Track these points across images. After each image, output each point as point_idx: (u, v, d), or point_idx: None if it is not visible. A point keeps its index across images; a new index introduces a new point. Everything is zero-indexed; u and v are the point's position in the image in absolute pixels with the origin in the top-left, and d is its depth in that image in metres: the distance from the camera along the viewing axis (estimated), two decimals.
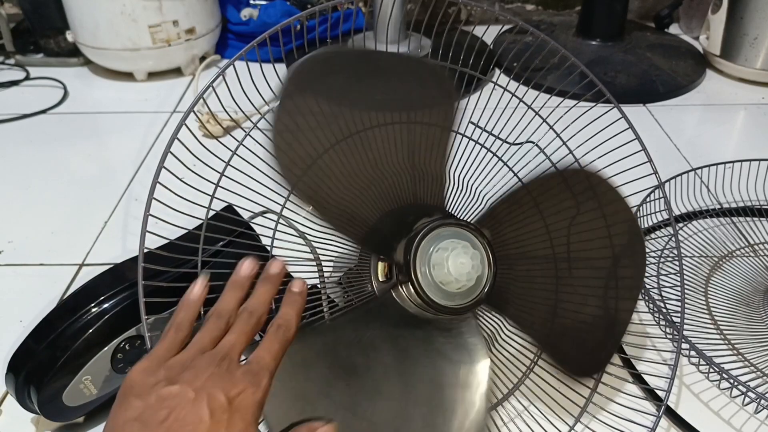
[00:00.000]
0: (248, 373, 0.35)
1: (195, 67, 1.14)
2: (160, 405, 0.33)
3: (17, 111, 1.02)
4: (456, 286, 0.44)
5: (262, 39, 0.46)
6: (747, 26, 1.08)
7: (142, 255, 0.43)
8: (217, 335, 0.37)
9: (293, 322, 0.38)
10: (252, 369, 0.35)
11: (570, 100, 0.56)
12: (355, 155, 0.46)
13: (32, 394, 0.48)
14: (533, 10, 1.42)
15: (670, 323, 0.56)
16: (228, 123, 0.86)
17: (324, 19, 0.96)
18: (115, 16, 1.03)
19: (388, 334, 0.44)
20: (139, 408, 0.33)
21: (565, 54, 0.55)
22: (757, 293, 0.66)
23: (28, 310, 0.64)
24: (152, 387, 0.34)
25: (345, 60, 0.46)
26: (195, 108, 0.46)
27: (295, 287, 0.40)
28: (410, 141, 0.48)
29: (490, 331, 0.53)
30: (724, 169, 0.79)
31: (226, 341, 0.36)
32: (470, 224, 0.46)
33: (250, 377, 0.35)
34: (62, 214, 0.79)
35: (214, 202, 0.47)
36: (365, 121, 0.46)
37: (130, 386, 0.34)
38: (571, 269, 0.50)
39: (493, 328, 0.53)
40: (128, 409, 0.33)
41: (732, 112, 1.05)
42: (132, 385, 0.34)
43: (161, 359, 0.35)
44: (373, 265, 0.51)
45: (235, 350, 0.36)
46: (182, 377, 0.34)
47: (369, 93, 0.47)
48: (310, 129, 0.44)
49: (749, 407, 0.55)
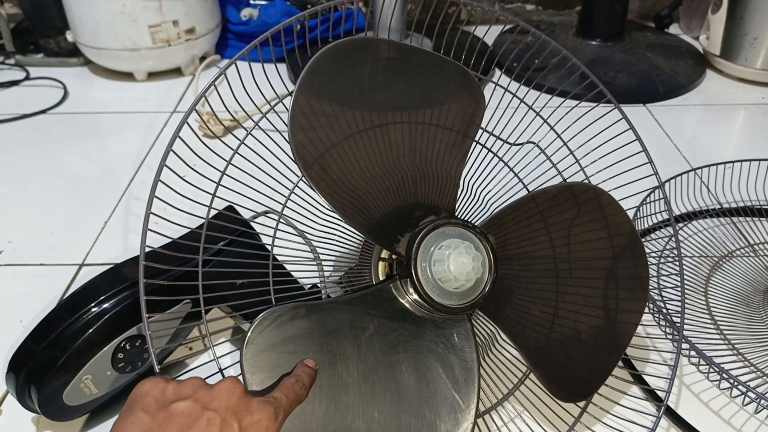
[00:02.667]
0: (266, 405, 0.34)
1: (195, 67, 1.14)
2: (168, 422, 0.32)
3: (17, 111, 1.02)
4: (454, 284, 0.44)
5: (264, 38, 0.46)
6: (747, 26, 1.08)
7: (144, 253, 0.43)
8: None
9: (307, 383, 0.38)
10: (270, 402, 0.34)
11: (571, 100, 0.56)
12: (373, 146, 0.46)
13: (32, 394, 0.48)
14: (533, 10, 1.42)
15: (670, 323, 0.56)
16: (229, 122, 0.86)
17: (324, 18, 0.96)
18: (115, 16, 1.03)
19: (381, 325, 0.44)
20: (146, 424, 0.32)
21: (567, 55, 0.55)
22: (757, 293, 0.66)
23: (28, 310, 0.64)
24: (162, 401, 0.33)
25: (376, 51, 0.46)
26: (196, 107, 0.46)
27: (309, 362, 0.40)
28: (431, 142, 0.48)
29: (488, 333, 0.53)
30: (724, 169, 0.79)
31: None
32: (477, 227, 0.46)
33: (267, 409, 0.34)
34: (62, 214, 0.79)
35: (215, 201, 0.47)
36: (389, 116, 0.46)
37: (138, 397, 0.33)
38: (572, 278, 0.50)
39: (491, 331, 0.53)
40: (134, 423, 0.32)
41: (732, 112, 1.05)
42: (140, 396, 0.33)
43: (176, 380, 0.35)
44: (373, 265, 0.51)
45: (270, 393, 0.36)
46: (197, 395, 0.33)
47: (396, 87, 0.47)
48: (333, 114, 0.44)
49: (749, 407, 0.55)
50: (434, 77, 0.48)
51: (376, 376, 0.42)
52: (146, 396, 0.33)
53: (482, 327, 0.52)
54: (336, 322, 0.43)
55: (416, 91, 0.47)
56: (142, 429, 0.31)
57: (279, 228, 0.50)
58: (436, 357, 0.44)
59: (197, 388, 0.34)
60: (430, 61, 0.48)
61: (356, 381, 0.41)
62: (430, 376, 0.43)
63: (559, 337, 0.48)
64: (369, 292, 0.45)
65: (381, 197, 0.46)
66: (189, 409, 0.32)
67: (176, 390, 0.33)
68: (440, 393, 0.43)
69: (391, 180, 0.46)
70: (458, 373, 0.44)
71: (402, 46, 0.47)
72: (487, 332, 0.53)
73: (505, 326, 0.48)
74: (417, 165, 0.47)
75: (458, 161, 0.49)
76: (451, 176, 0.49)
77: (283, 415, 0.35)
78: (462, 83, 0.49)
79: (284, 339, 0.41)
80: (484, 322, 0.52)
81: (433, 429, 0.42)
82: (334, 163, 0.44)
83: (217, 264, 0.53)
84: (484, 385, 0.51)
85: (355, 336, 0.43)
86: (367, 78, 0.45)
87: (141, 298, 0.43)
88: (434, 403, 0.43)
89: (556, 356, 0.48)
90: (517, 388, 0.52)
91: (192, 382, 0.34)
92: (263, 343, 0.40)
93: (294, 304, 0.43)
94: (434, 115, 0.48)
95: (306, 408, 0.39)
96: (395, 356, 0.43)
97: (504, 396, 0.52)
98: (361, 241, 0.53)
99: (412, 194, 0.47)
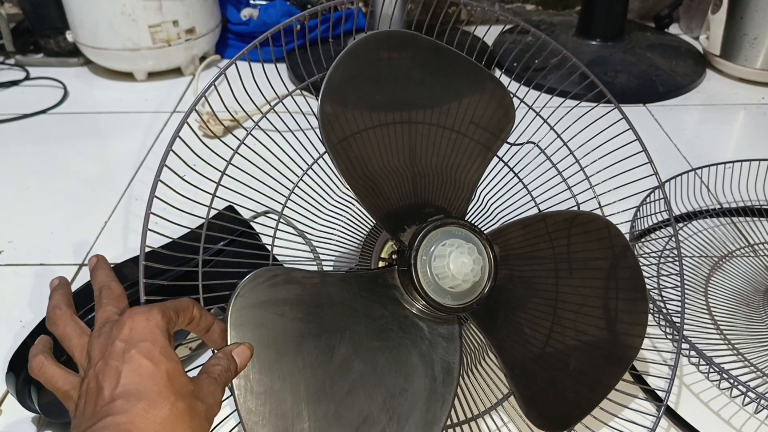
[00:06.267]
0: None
1: (195, 67, 1.14)
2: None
3: (17, 111, 1.02)
4: (451, 283, 0.44)
5: (264, 38, 0.46)
6: (747, 26, 1.08)
7: (144, 253, 0.43)
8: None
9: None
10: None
11: (571, 100, 0.56)
12: (398, 139, 0.46)
13: (32, 394, 0.48)
14: (533, 10, 1.42)
15: (670, 323, 0.56)
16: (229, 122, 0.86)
17: (324, 18, 0.96)
18: (115, 16, 1.03)
19: (370, 309, 0.43)
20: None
21: (567, 55, 0.55)
22: (757, 293, 0.66)
23: (28, 310, 0.64)
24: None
25: (418, 47, 0.46)
26: (196, 107, 0.46)
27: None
28: (455, 147, 0.48)
29: (477, 343, 0.53)
30: (724, 169, 0.79)
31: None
32: (483, 234, 0.46)
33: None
34: (62, 214, 0.79)
35: (215, 201, 0.47)
36: (419, 115, 0.47)
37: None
38: (570, 311, 0.49)
39: (479, 341, 0.53)
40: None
41: (732, 112, 1.05)
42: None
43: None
44: (373, 265, 0.51)
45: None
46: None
47: (430, 86, 0.47)
48: (364, 97, 0.44)
49: (749, 407, 0.55)
50: (469, 83, 0.49)
51: (356, 356, 0.41)
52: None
53: (473, 336, 0.52)
54: (327, 296, 0.43)
55: (450, 93, 0.48)
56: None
57: (279, 228, 0.50)
58: (418, 352, 0.44)
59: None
60: (466, 67, 0.48)
61: (335, 357, 0.41)
62: (408, 369, 0.43)
63: (545, 365, 0.48)
64: (365, 275, 0.45)
65: (395, 186, 0.46)
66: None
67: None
68: (415, 388, 0.42)
69: (408, 174, 0.46)
70: (437, 372, 0.44)
71: (442, 48, 0.47)
72: (477, 342, 0.53)
73: (495, 340, 0.47)
74: (436, 165, 0.48)
75: (477, 170, 0.49)
76: (468, 184, 0.49)
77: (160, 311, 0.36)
78: (494, 94, 0.49)
79: (275, 299, 0.40)
80: (474, 332, 0.52)
81: (399, 425, 0.41)
82: (356, 145, 0.44)
83: (217, 264, 0.53)
84: (473, 392, 0.51)
85: (343, 314, 0.42)
86: (405, 72, 0.46)
87: (141, 298, 0.43)
88: (407, 397, 0.42)
89: (539, 381, 0.48)
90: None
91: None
92: (253, 299, 0.40)
93: (290, 267, 0.43)
94: (464, 122, 0.48)
95: (284, 369, 0.39)
96: (378, 342, 0.43)
97: (498, 400, 0.52)
98: (361, 241, 0.53)
99: (427, 192, 0.47)
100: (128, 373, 0.32)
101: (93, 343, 0.35)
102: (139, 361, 0.33)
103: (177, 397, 0.32)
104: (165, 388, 0.32)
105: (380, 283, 0.45)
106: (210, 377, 0.35)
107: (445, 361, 0.44)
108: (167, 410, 0.32)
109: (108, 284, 0.40)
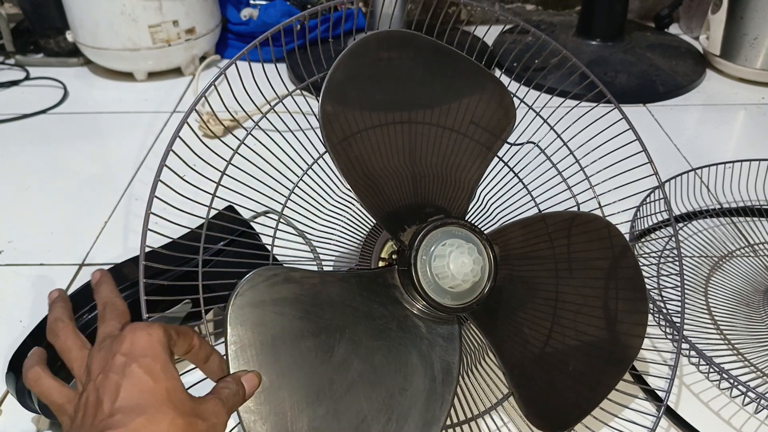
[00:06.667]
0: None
1: (195, 67, 1.14)
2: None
3: (17, 111, 1.02)
4: (450, 283, 0.44)
5: (264, 38, 0.46)
6: (747, 26, 1.08)
7: (144, 253, 0.43)
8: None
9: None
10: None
11: (571, 100, 0.56)
12: (398, 139, 0.46)
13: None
14: (533, 10, 1.42)
15: (670, 323, 0.56)
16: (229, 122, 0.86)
17: (324, 18, 0.96)
18: (115, 16, 1.03)
19: (370, 308, 0.43)
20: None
21: (567, 55, 0.55)
22: (757, 293, 0.66)
23: (28, 310, 0.64)
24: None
25: (418, 47, 0.46)
26: (196, 107, 0.46)
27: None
28: (455, 147, 0.48)
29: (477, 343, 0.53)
30: (724, 169, 0.79)
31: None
32: (483, 234, 0.46)
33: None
34: (62, 214, 0.79)
35: (215, 201, 0.47)
36: (420, 115, 0.47)
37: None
38: (571, 312, 0.49)
39: (479, 342, 0.53)
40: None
41: (732, 112, 1.05)
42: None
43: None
44: (374, 265, 0.51)
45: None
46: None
47: (431, 86, 0.47)
48: (365, 96, 0.44)
49: (749, 407, 0.55)
50: (469, 83, 0.48)
51: (355, 356, 0.41)
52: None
53: (473, 336, 0.52)
54: (327, 295, 0.43)
55: (450, 93, 0.48)
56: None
57: (279, 228, 0.50)
58: (418, 352, 0.44)
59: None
60: (467, 67, 0.48)
61: (334, 356, 0.41)
62: (408, 369, 0.43)
63: (545, 365, 0.48)
64: (365, 274, 0.45)
65: (395, 186, 0.46)
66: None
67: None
68: (414, 388, 0.42)
69: (408, 174, 0.46)
70: (437, 372, 0.44)
71: (443, 48, 0.47)
72: (477, 342, 0.53)
73: (494, 340, 0.47)
74: (436, 165, 0.48)
75: (477, 170, 0.49)
76: (468, 184, 0.49)
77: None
78: (494, 94, 0.49)
79: (274, 299, 0.40)
80: (474, 332, 0.52)
81: (398, 425, 0.41)
82: (356, 145, 0.44)
83: (217, 264, 0.53)
84: (473, 392, 0.51)
85: (343, 313, 0.42)
86: (405, 72, 0.46)
87: (141, 298, 0.43)
88: (407, 396, 0.42)
89: (539, 381, 0.48)
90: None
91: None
92: (252, 298, 0.40)
93: (290, 267, 0.43)
94: (464, 122, 0.48)
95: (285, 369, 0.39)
96: (378, 342, 0.43)
97: (498, 401, 0.52)
98: (361, 241, 0.53)
99: (427, 192, 0.47)
100: (128, 388, 0.32)
101: (93, 356, 0.35)
102: (140, 376, 0.33)
103: (176, 414, 0.32)
104: (164, 404, 0.32)
105: (380, 283, 0.45)
106: (216, 398, 0.35)
107: (445, 361, 0.44)
108: (166, 426, 0.32)
109: (113, 300, 0.40)
